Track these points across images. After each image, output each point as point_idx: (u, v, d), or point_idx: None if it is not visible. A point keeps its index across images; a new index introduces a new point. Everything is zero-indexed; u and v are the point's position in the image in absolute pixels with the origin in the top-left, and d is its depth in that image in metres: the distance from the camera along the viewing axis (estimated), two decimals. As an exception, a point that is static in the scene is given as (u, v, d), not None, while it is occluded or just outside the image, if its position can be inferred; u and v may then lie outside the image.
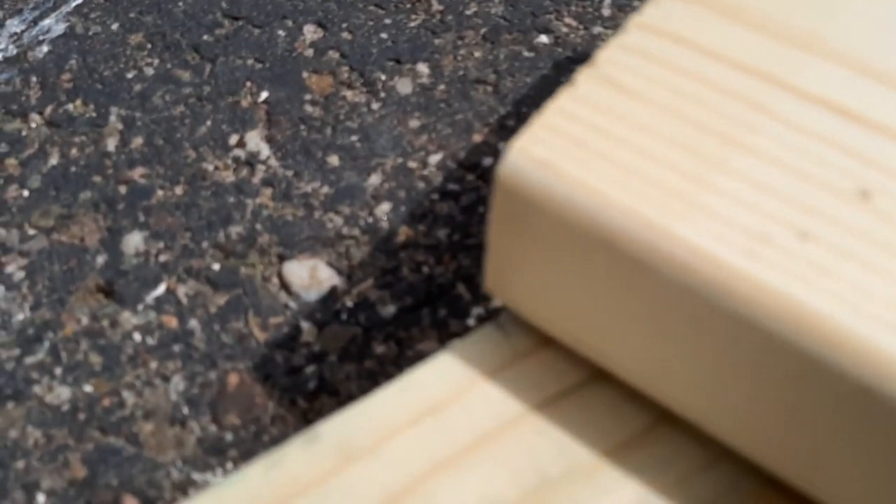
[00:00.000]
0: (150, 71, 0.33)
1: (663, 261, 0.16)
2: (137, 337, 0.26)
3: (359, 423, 0.20)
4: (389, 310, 0.27)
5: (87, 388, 0.25)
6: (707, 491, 0.19)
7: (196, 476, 0.24)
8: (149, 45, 0.33)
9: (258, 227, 0.28)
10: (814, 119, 0.18)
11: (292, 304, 0.27)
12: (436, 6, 0.34)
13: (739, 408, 0.18)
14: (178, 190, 0.29)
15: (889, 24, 0.19)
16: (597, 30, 0.33)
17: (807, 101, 0.18)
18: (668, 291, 0.17)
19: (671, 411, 0.19)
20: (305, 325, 0.26)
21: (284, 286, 0.27)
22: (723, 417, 0.18)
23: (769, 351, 0.16)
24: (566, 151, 0.17)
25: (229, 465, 0.24)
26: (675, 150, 0.17)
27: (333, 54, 0.33)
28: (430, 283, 0.27)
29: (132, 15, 0.34)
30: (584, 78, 0.19)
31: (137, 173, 0.30)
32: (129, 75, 0.32)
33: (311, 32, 0.34)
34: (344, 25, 0.34)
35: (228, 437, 0.24)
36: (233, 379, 0.25)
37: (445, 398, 0.20)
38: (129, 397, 0.25)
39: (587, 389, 0.20)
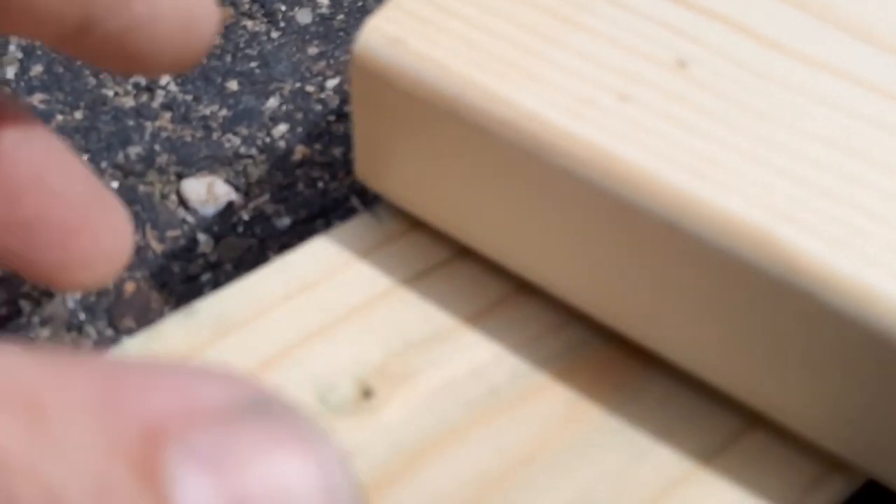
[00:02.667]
0: (50, 4, 0.34)
1: (501, 125, 0.19)
2: (36, 251, 0.28)
3: (235, 299, 0.22)
4: (285, 222, 0.29)
5: (-14, 300, 0.27)
6: (557, 347, 0.21)
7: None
8: None
9: (157, 147, 0.30)
10: (642, 1, 0.20)
11: (190, 219, 0.29)
12: (337, -60, 0.36)
13: (580, 266, 0.20)
14: (78, 115, 0.31)
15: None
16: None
17: None
18: (508, 155, 0.19)
19: (526, 281, 0.22)
20: (202, 237, 0.29)
21: (182, 202, 0.29)
22: (568, 278, 0.21)
23: (597, 206, 0.19)
24: (415, 29, 0.20)
25: (124, 364, 0.26)
26: (514, 27, 0.20)
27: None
28: (324, 196, 0.30)
29: (33, -50, 0.36)
30: None
31: (37, 99, 0.32)
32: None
33: (212, -34, 0.36)
34: (246, -41, 0.36)
35: (124, 339, 0.26)
36: (129, 287, 0.27)
37: (319, 276, 0.22)
38: (25, 306, 0.27)
39: (451, 265, 0.22)
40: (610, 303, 0.20)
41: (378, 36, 0.20)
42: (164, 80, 0.32)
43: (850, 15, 0.20)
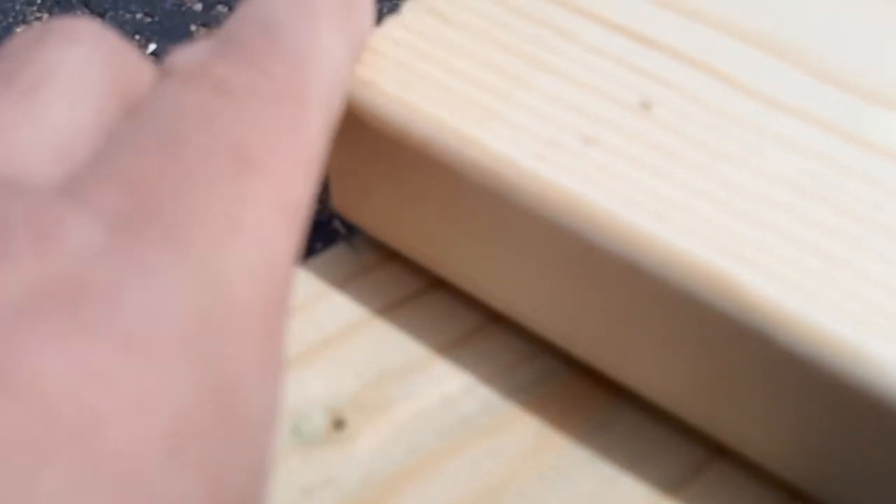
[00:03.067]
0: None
1: (469, 166, 0.20)
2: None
3: (215, 329, 0.22)
4: (267, 245, 0.30)
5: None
6: (528, 377, 0.22)
7: None
8: (38, 0, 0.36)
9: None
10: (607, 42, 0.21)
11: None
12: (323, -39, 0.37)
13: (548, 300, 0.21)
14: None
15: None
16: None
17: (604, 27, 0.21)
18: (476, 195, 0.20)
19: (498, 311, 0.22)
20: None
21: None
22: (537, 311, 0.21)
23: (562, 245, 0.19)
24: (388, 72, 0.20)
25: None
26: (484, 70, 0.21)
27: (222, 8, 0.36)
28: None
29: (22, -28, 0.36)
30: (409, 8, 0.22)
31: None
32: (19, 30, 0.35)
33: (199, -13, 0.36)
34: (233, -20, 0.36)
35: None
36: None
37: (296, 306, 0.23)
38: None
39: (426, 295, 0.23)
40: (577, 336, 0.21)
41: (351, 80, 0.20)
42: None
43: (812, 57, 0.21)
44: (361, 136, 0.21)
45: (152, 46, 0.34)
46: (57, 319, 0.11)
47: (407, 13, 0.22)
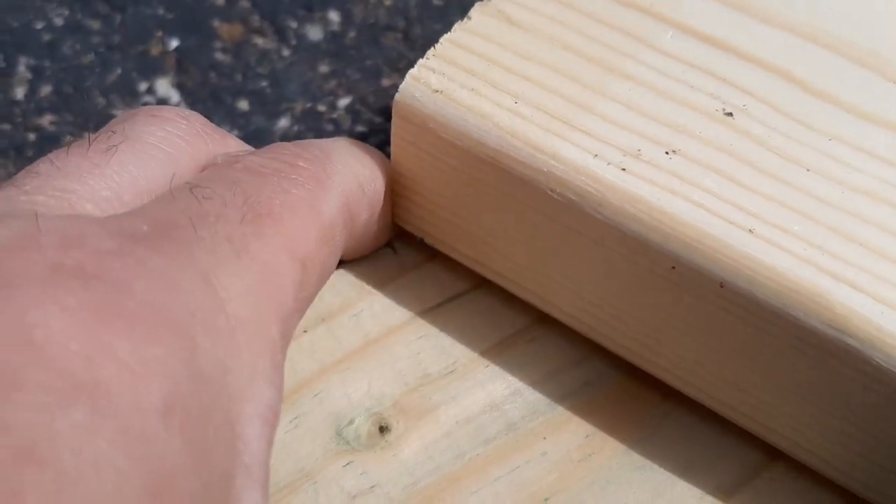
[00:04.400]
0: (59, 21, 0.35)
1: (545, 176, 0.19)
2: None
3: (252, 332, 0.22)
4: (297, 246, 0.29)
5: None
6: (575, 381, 0.22)
7: None
8: (57, -3, 0.36)
9: (167, 170, 0.31)
10: (686, 48, 0.21)
11: (201, 243, 0.29)
12: (348, -45, 0.37)
13: (610, 308, 0.20)
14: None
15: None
16: (507, -24, 0.36)
17: (682, 32, 0.21)
18: (552, 206, 0.20)
19: (543, 314, 0.22)
20: (214, 262, 0.29)
21: (193, 226, 0.30)
22: (596, 315, 0.21)
23: (638, 255, 0.19)
24: (458, 80, 0.20)
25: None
26: (558, 77, 0.20)
27: (244, 3, 0.36)
28: (337, 220, 0.30)
29: (40, -34, 0.36)
30: (477, 12, 0.21)
31: (46, 120, 0.32)
32: (38, 26, 0.35)
33: (222, -18, 0.36)
34: (255, -25, 0.36)
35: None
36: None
37: (336, 308, 0.23)
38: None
39: (468, 296, 0.23)
40: (640, 344, 0.21)
41: (420, 87, 0.20)
42: (175, 100, 0.33)
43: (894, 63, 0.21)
44: (429, 142, 0.21)
45: (174, 43, 0.34)
46: (72, 295, 0.14)
47: (475, 17, 0.21)
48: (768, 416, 0.20)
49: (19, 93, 0.33)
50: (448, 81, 0.20)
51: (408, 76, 0.21)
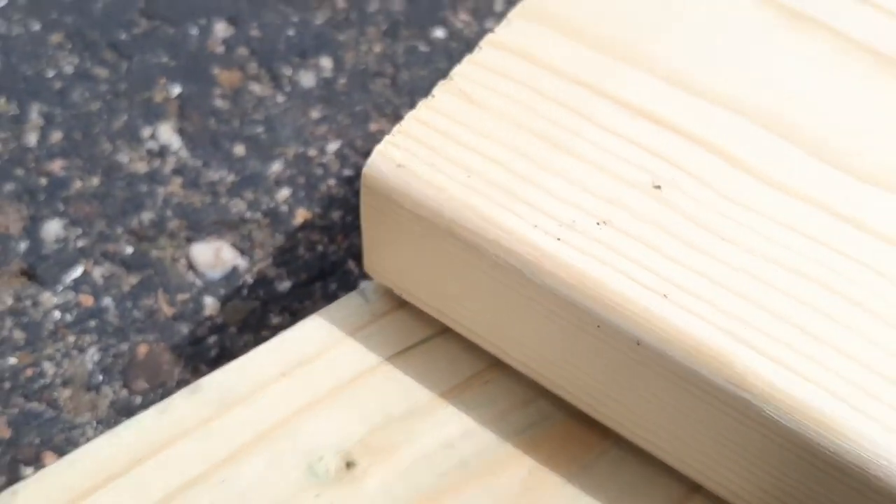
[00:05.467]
0: (69, 69, 0.38)
1: (491, 244, 0.22)
2: (57, 314, 0.32)
3: (236, 375, 0.25)
4: (286, 285, 0.32)
5: (12, 361, 0.31)
6: (522, 421, 0.25)
7: (108, 432, 0.29)
8: (69, 45, 0.39)
9: (168, 213, 0.34)
10: (625, 123, 0.23)
11: (198, 283, 0.33)
12: (340, 3, 0.40)
13: (551, 356, 0.23)
14: (95, 180, 0.35)
15: (701, 42, 0.25)
16: (489, 24, 0.39)
17: (623, 108, 0.24)
18: (497, 268, 0.23)
19: (498, 359, 0.25)
20: (209, 300, 0.32)
21: (192, 266, 0.33)
22: (539, 362, 0.24)
23: (569, 314, 0.22)
24: (419, 155, 0.23)
25: (138, 422, 0.29)
26: (508, 152, 0.23)
27: (243, 50, 0.39)
28: (323, 260, 0.33)
29: (53, 16, 0.40)
30: (440, 90, 0.24)
31: (57, 165, 0.35)
32: (50, 74, 0.38)
33: (222, 30, 0.39)
34: (254, 23, 0.39)
35: (137, 399, 0.30)
36: (142, 349, 0.31)
37: (312, 354, 0.26)
38: (49, 368, 0.31)
39: (431, 343, 0.26)
40: (577, 388, 0.24)
41: (385, 161, 0.23)
42: (175, 145, 0.36)
43: (817, 136, 0.23)
44: (392, 213, 0.23)
45: (176, 90, 0.37)
46: None
47: (438, 95, 0.24)
48: (689, 455, 0.22)
49: (32, 139, 0.36)
50: (410, 157, 0.23)
51: (375, 151, 0.23)
